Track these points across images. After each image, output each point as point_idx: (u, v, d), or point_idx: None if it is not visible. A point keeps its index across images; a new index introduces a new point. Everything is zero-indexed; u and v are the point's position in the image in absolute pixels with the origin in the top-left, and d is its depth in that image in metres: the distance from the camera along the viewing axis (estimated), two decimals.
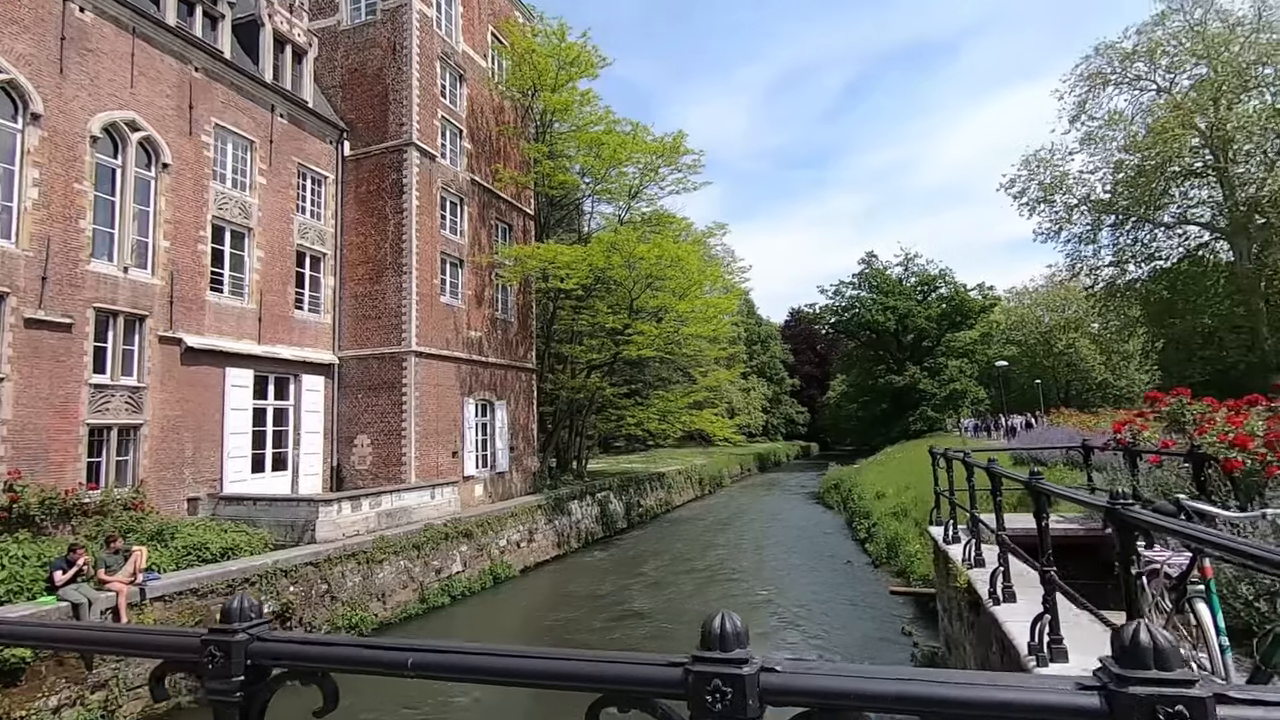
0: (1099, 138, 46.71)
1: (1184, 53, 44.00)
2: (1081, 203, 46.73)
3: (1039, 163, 47.32)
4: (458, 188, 23.06)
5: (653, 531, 28.88)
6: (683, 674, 1.05)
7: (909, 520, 20.74)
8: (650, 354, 26.04)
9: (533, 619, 16.43)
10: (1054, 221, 47.45)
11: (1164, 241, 47.43)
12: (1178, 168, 43.82)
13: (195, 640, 1.37)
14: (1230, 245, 43.63)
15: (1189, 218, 46.11)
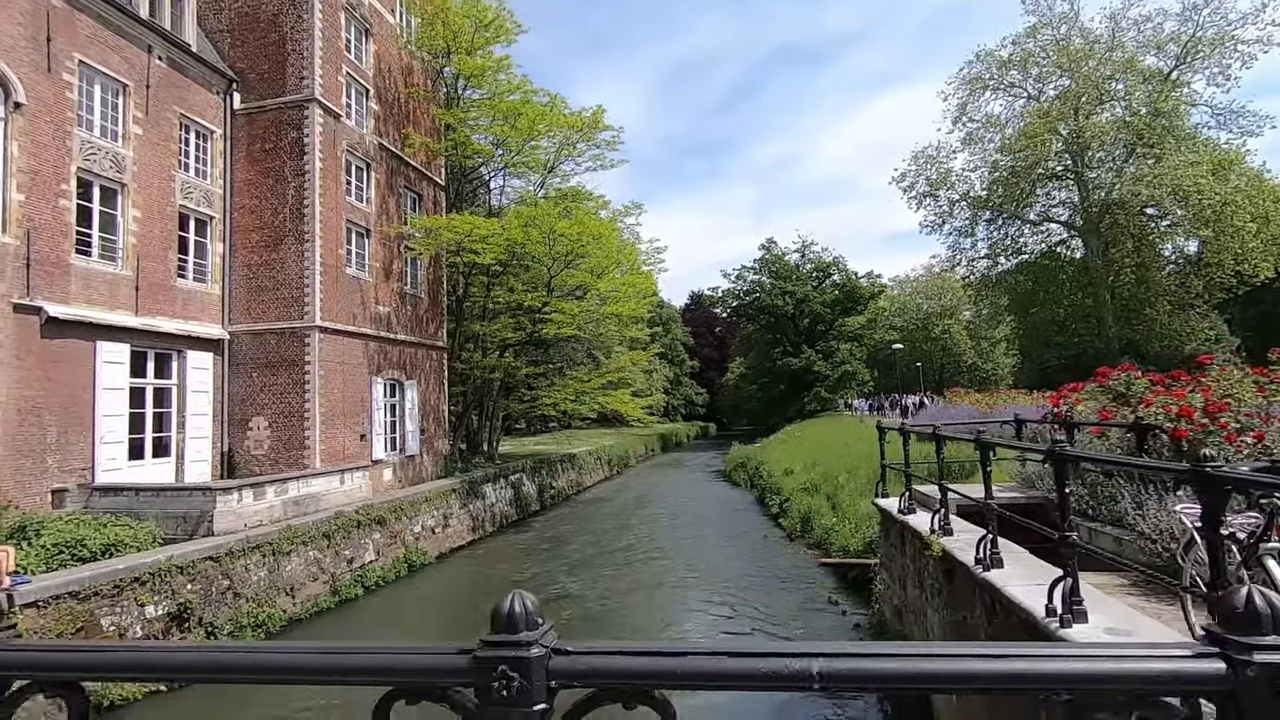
0: (978, 138, 50.33)
1: (1050, 64, 48.05)
2: (962, 199, 50.33)
3: (926, 159, 50.41)
4: (364, 151, 21.45)
5: (567, 512, 28.60)
6: (471, 661, 1.02)
7: (820, 495, 21.66)
8: (570, 333, 25.53)
9: (457, 607, 15.77)
10: (938, 215, 50.85)
11: (1029, 237, 51.97)
12: (1043, 170, 48.00)
13: None
14: (1083, 242, 48.40)
15: (1051, 216, 50.77)
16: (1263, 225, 39.32)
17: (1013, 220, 50.62)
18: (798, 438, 40.33)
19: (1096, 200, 46.27)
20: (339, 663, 1.11)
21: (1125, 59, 45.55)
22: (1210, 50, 43.48)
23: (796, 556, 18.62)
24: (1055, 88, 47.87)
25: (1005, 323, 57.27)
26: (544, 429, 54.13)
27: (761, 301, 61.77)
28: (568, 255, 23.75)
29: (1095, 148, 45.96)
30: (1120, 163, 45.87)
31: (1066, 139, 45.97)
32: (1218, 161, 41.32)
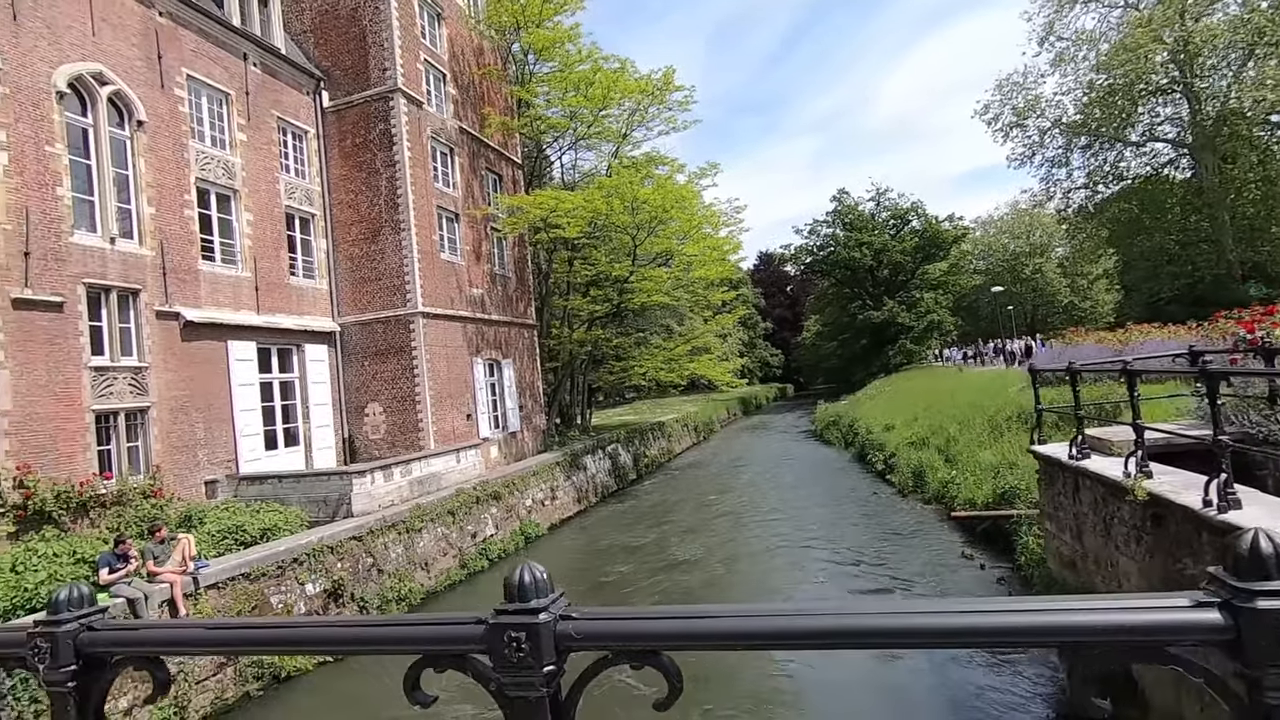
0: (1069, 58, 46.59)
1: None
2: (1054, 125, 46.88)
3: (1012, 87, 47.09)
4: (446, 136, 21.71)
5: (663, 480, 28.82)
6: (486, 629, 1.09)
7: (930, 449, 20.95)
8: (660, 300, 25.39)
9: (575, 576, 16.14)
10: (1027, 146, 47.61)
11: (1132, 160, 48.07)
12: (1145, 85, 44.07)
13: (22, 635, 1.38)
14: (1195, 161, 44.38)
15: (1156, 135, 46.72)
16: None
17: (1112, 144, 46.82)
18: (888, 393, 39.12)
19: (1209, 113, 42.19)
20: (370, 634, 1.20)
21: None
22: None
23: (913, 513, 18.11)
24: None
25: (1106, 256, 53.44)
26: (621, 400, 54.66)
27: (837, 255, 59.78)
28: (651, 222, 23.50)
29: (1207, 54, 41.70)
30: (1237, 68, 41.52)
31: (1172, 48, 41.86)
32: None
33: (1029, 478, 13.49)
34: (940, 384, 31.33)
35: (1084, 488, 7.45)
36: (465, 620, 1.14)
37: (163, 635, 1.40)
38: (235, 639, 1.36)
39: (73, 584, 1.47)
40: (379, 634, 1.22)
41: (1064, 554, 8.30)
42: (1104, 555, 7.08)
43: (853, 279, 61.44)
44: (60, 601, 1.40)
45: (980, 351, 44.19)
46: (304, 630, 1.27)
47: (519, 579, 1.12)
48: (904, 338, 56.47)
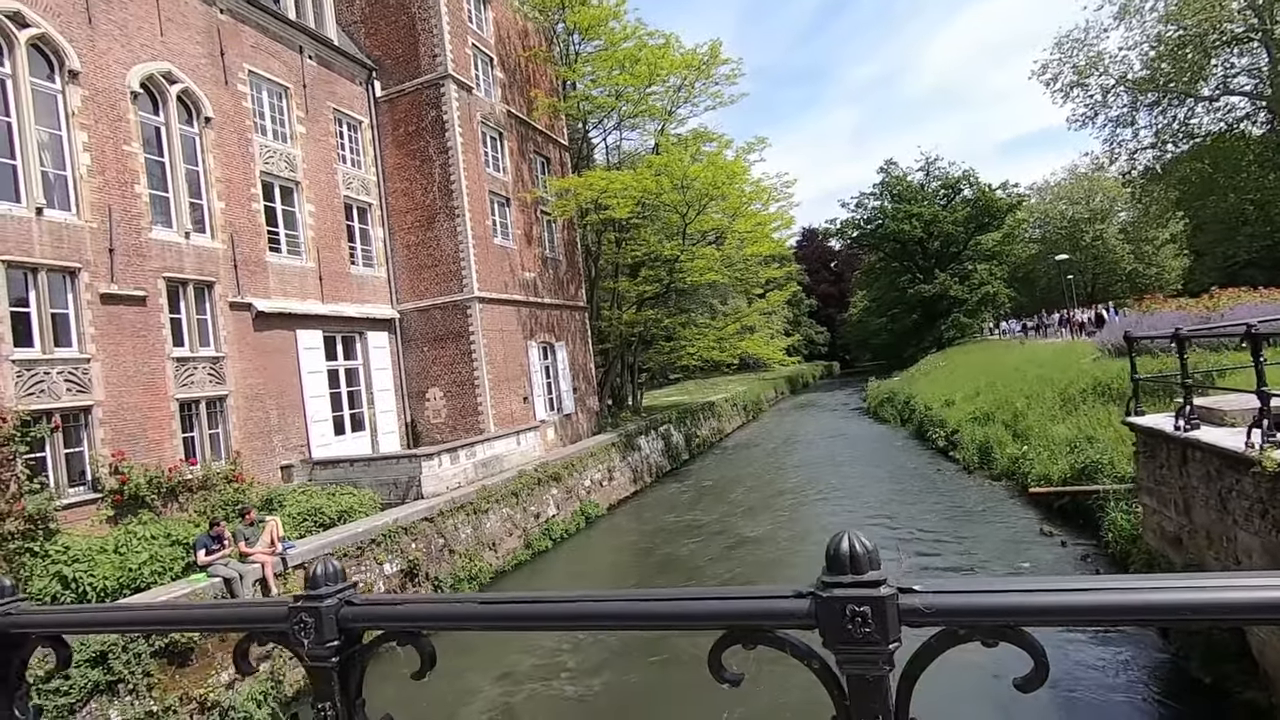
0: (1134, 10, 44.06)
1: None
2: (1119, 83, 44.52)
3: (1073, 44, 44.83)
4: (495, 121, 21.76)
5: (717, 460, 28.74)
6: (811, 603, 1.03)
7: (996, 424, 20.35)
8: (714, 278, 25.16)
9: (639, 555, 16.24)
10: (1089, 106, 45.40)
11: (1204, 116, 45.40)
12: (1219, 35, 41.43)
13: (283, 609, 1.37)
14: (1274, 114, 41.67)
15: (1231, 88, 43.98)
16: None
17: (1182, 100, 44.24)
18: (944, 368, 38.11)
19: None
20: (675, 609, 1.16)
21: None
22: None
23: (982, 490, 17.64)
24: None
25: (1175, 220, 50.74)
26: (666, 381, 54.58)
27: (885, 228, 58.21)
28: (701, 199, 23.21)
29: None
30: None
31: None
32: None
33: (1112, 451, 12.99)
34: (1001, 358, 30.35)
35: (1194, 460, 7.08)
36: (783, 594, 1.07)
37: (427, 610, 1.37)
38: (520, 615, 1.30)
39: (326, 559, 1.45)
40: (683, 609, 1.16)
41: (1167, 530, 7.93)
42: (1219, 531, 6.73)
43: (902, 252, 59.85)
44: (319, 576, 1.39)
45: (1043, 323, 42.60)
46: (593, 605, 1.19)
47: (849, 548, 1.03)
48: (957, 311, 54.87)
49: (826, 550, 1.05)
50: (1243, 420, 6.95)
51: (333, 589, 1.37)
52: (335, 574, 1.40)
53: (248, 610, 1.40)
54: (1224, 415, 7.14)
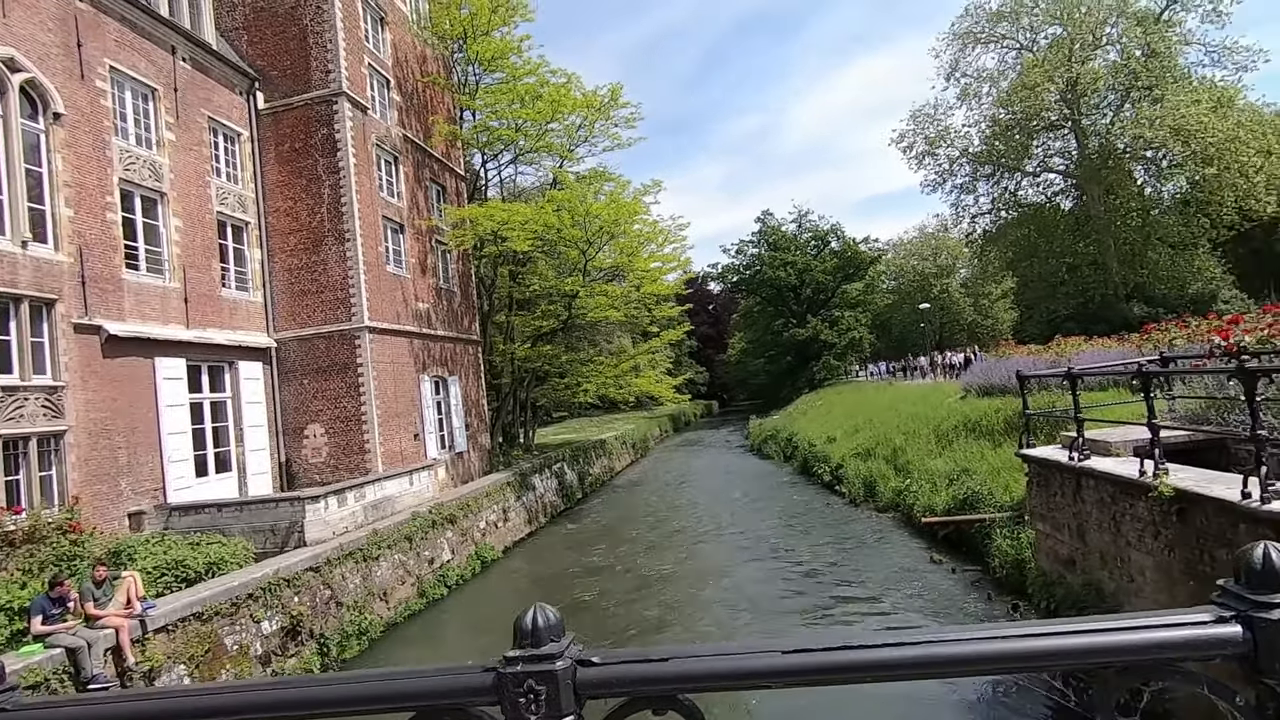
0: (973, 93, 50.13)
1: (1042, 13, 47.76)
2: (962, 155, 50.24)
3: (924, 118, 50.19)
4: (391, 144, 20.83)
5: (610, 498, 28.43)
6: (494, 679, 1.01)
7: (878, 459, 21.63)
8: (614, 315, 25.14)
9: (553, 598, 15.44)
10: (939, 173, 50.75)
11: (1028, 189, 52.09)
12: (1039, 121, 47.92)
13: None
14: (1083, 190, 48.51)
15: (1049, 166, 50.85)
16: (1265, 160, 39.59)
17: (1011, 174, 50.69)
18: (820, 407, 40.33)
19: (1094, 147, 46.40)
20: (358, 692, 1.06)
21: (1117, 2, 45.42)
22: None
23: (870, 521, 18.58)
24: (1047, 37, 47.70)
25: (1007, 277, 57.54)
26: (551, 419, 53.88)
27: (763, 274, 61.60)
28: (602, 236, 23.33)
29: (1091, 94, 45.94)
30: (1116, 108, 45.96)
31: (1061, 88, 45.83)
32: (1216, 99, 41.47)
33: (990, 482, 14.12)
34: (874, 398, 32.57)
35: (1088, 488, 7.79)
36: (470, 670, 1.03)
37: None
38: (192, 711, 1.07)
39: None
40: (368, 691, 1.06)
41: (1061, 553, 8.64)
42: (1113, 552, 7.40)
43: (778, 297, 63.39)
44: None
45: (909, 365, 46.30)
46: (276, 693, 1.06)
47: (531, 622, 1.03)
48: (827, 354, 58.66)
49: (514, 623, 1.04)
50: (1126, 451, 7.76)
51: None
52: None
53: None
54: (1110, 446, 7.94)
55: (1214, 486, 5.88)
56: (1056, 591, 8.40)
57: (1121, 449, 7.75)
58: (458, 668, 1.06)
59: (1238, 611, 0.93)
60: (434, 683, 1.05)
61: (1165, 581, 6.59)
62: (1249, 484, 5.39)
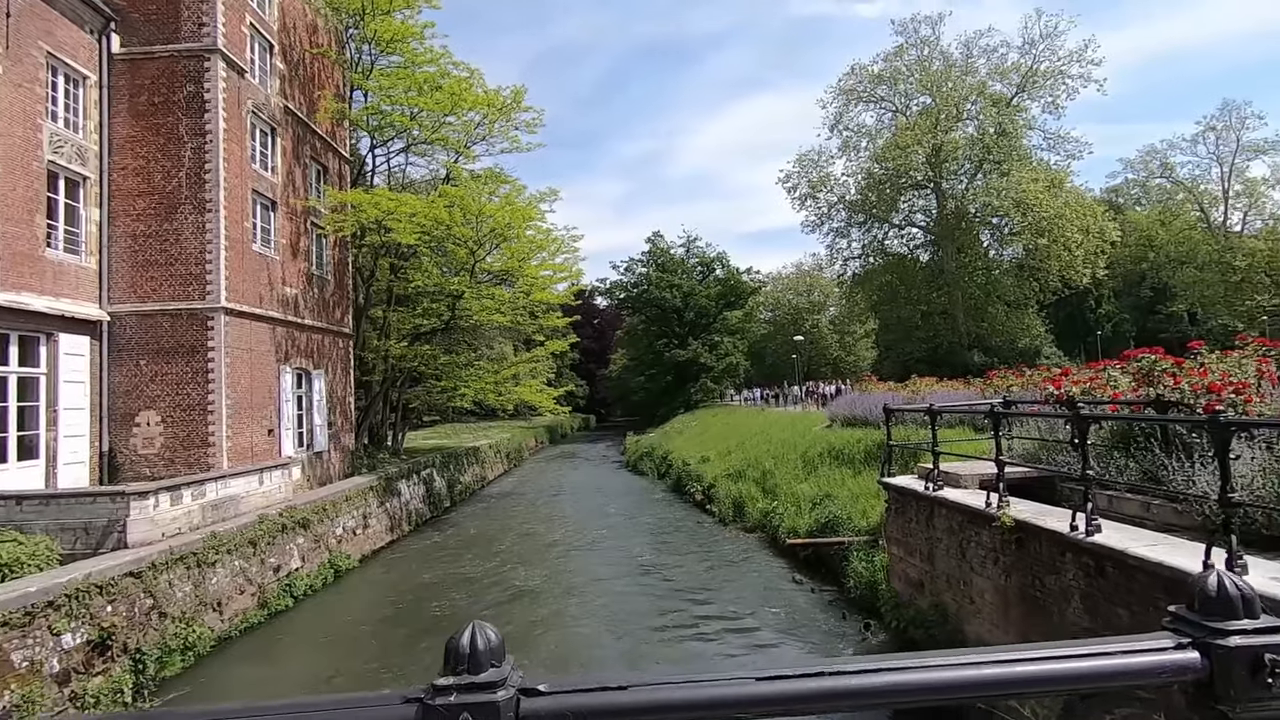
0: (853, 146, 54.12)
1: (915, 83, 52.56)
2: (839, 201, 53.96)
3: (809, 163, 53.51)
4: (269, 114, 19.22)
5: (481, 508, 27.51)
6: (419, 712, 0.85)
7: (748, 481, 22.43)
8: (500, 320, 24.42)
9: (413, 613, 14.62)
10: (818, 216, 54.21)
11: (894, 240, 56.77)
12: (907, 180, 52.51)
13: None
14: (940, 246, 53.55)
15: (912, 221, 55.73)
16: (1084, 237, 45.58)
17: (880, 224, 55.11)
18: (695, 427, 41.45)
19: (951, 208, 51.51)
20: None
21: (977, 83, 50.92)
22: (1044, 81, 49.71)
23: (737, 541, 19.16)
24: (919, 105, 52.58)
25: (871, 318, 62.29)
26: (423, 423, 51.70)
27: (650, 294, 62.76)
28: (494, 238, 22.71)
29: (951, 161, 51.03)
30: (970, 176, 51.34)
31: (928, 152, 50.54)
32: (1050, 180, 47.36)
33: (849, 507, 14.99)
34: (747, 422, 33.88)
35: (939, 515, 8.44)
36: (389, 701, 0.87)
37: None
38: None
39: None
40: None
41: (912, 576, 9.28)
42: (957, 576, 8.04)
43: (662, 318, 64.73)
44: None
45: (782, 392, 48.60)
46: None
47: (469, 643, 0.89)
48: (705, 376, 60.49)
49: (446, 644, 0.91)
50: (974, 484, 8.48)
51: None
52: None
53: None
54: (960, 478, 8.66)
55: (1047, 519, 6.54)
56: (906, 612, 9.01)
57: (969, 482, 8.47)
58: (373, 698, 0.88)
59: (1194, 638, 0.93)
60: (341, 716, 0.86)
61: (1001, 604, 7.24)
62: (1076, 518, 6.03)
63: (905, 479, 9.63)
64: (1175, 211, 60.99)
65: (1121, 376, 7.95)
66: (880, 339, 63.29)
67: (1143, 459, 7.19)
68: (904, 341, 55.84)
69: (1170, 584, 4.92)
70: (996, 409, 7.52)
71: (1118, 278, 60.11)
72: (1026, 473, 8.55)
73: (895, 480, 9.74)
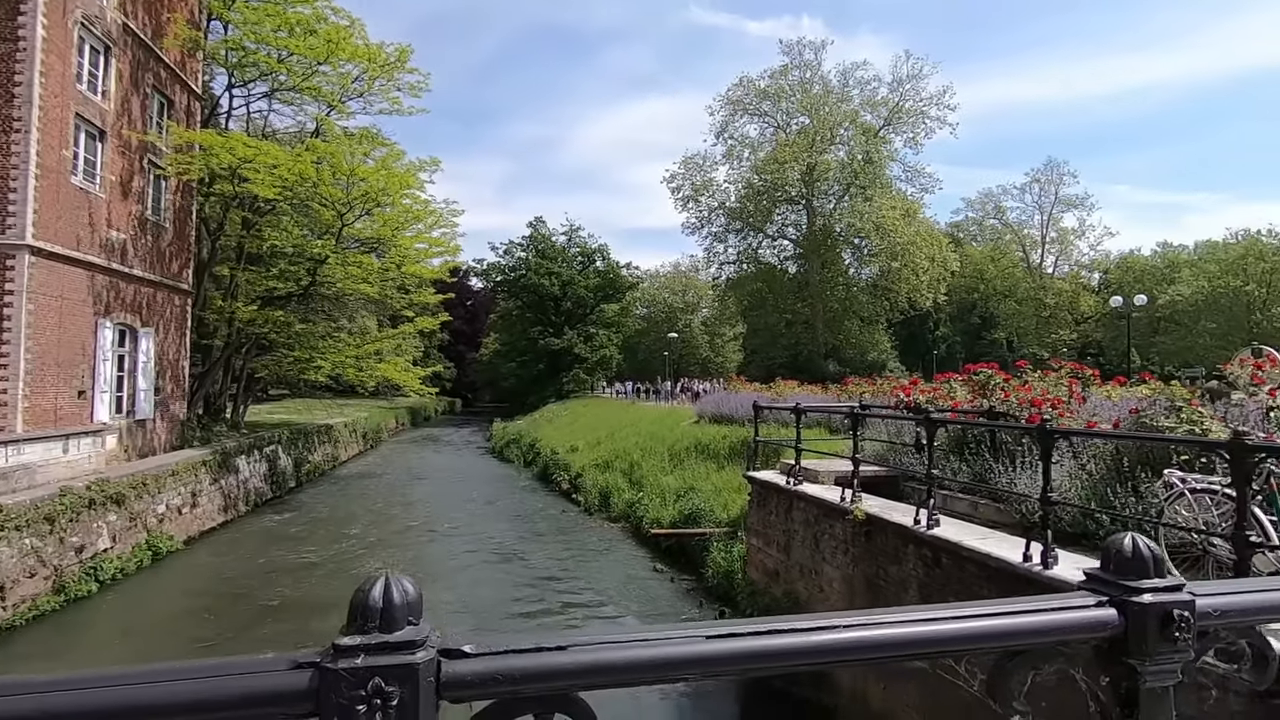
0: (736, 155, 56.18)
1: (796, 103, 55.44)
2: (720, 207, 55.84)
3: (694, 166, 54.90)
4: (104, 30, 16.73)
5: (331, 490, 25.75)
6: (313, 677, 0.70)
7: (615, 472, 22.63)
8: (368, 290, 22.79)
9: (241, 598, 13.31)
10: (699, 219, 55.79)
11: (766, 250, 59.62)
12: (782, 194, 55.32)
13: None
14: (805, 260, 56.90)
15: (784, 234, 58.77)
16: (930, 264, 50.24)
17: (755, 233, 57.68)
18: (565, 417, 41.27)
19: (819, 225, 54.91)
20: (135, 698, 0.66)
21: (851, 111, 54.57)
22: (907, 118, 54.18)
23: (601, 531, 19.26)
24: (798, 124, 55.51)
25: (740, 322, 65.08)
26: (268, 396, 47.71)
27: (528, 280, 61.73)
28: (367, 202, 21.21)
29: (823, 181, 54.37)
30: (838, 197, 55.00)
31: (803, 170, 53.51)
32: (906, 209, 51.77)
33: (712, 500, 15.52)
34: (618, 414, 34.19)
35: (798, 508, 8.91)
36: (273, 667, 0.71)
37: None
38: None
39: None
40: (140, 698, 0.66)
41: (768, 565, 9.75)
42: (810, 565, 8.54)
43: (539, 304, 63.87)
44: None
45: (654, 388, 49.43)
46: None
47: (380, 595, 0.74)
48: (579, 367, 60.44)
49: (352, 598, 0.76)
50: (830, 480, 9.04)
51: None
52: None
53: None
54: (818, 474, 9.19)
55: (894, 514, 7.09)
56: (761, 600, 9.45)
57: (826, 478, 9.02)
58: (247, 664, 0.71)
59: (1110, 596, 0.97)
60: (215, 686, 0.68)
61: (848, 592, 7.77)
62: (920, 513, 6.57)
63: (769, 473, 10.10)
64: (1003, 250, 68.78)
65: (960, 388, 8.78)
66: (747, 343, 66.25)
67: (974, 463, 7.98)
68: (769, 347, 58.83)
69: (994, 573, 5.48)
70: (857, 411, 8.07)
71: (954, 304, 66.86)
72: (877, 471, 9.23)
73: (760, 474, 10.18)
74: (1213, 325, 51.32)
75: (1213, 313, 51.85)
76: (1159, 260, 64.07)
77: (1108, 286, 63.24)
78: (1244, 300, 50.28)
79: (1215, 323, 51.16)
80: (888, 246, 49.60)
